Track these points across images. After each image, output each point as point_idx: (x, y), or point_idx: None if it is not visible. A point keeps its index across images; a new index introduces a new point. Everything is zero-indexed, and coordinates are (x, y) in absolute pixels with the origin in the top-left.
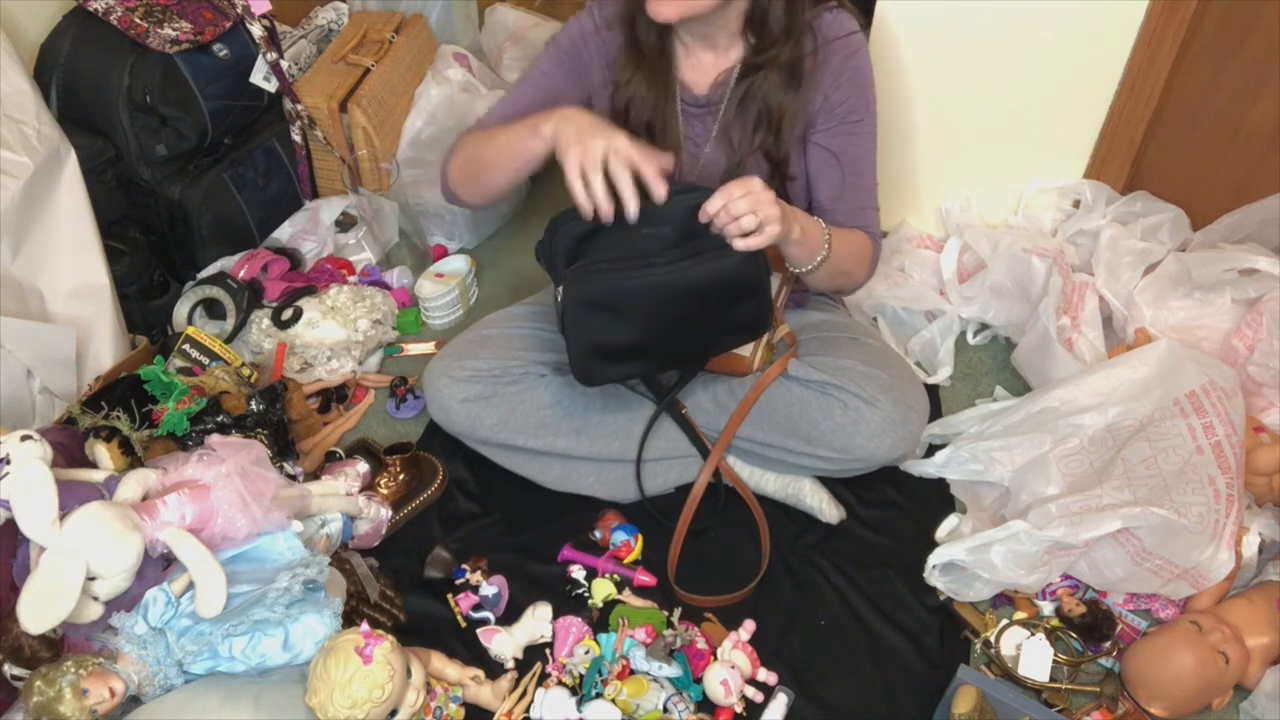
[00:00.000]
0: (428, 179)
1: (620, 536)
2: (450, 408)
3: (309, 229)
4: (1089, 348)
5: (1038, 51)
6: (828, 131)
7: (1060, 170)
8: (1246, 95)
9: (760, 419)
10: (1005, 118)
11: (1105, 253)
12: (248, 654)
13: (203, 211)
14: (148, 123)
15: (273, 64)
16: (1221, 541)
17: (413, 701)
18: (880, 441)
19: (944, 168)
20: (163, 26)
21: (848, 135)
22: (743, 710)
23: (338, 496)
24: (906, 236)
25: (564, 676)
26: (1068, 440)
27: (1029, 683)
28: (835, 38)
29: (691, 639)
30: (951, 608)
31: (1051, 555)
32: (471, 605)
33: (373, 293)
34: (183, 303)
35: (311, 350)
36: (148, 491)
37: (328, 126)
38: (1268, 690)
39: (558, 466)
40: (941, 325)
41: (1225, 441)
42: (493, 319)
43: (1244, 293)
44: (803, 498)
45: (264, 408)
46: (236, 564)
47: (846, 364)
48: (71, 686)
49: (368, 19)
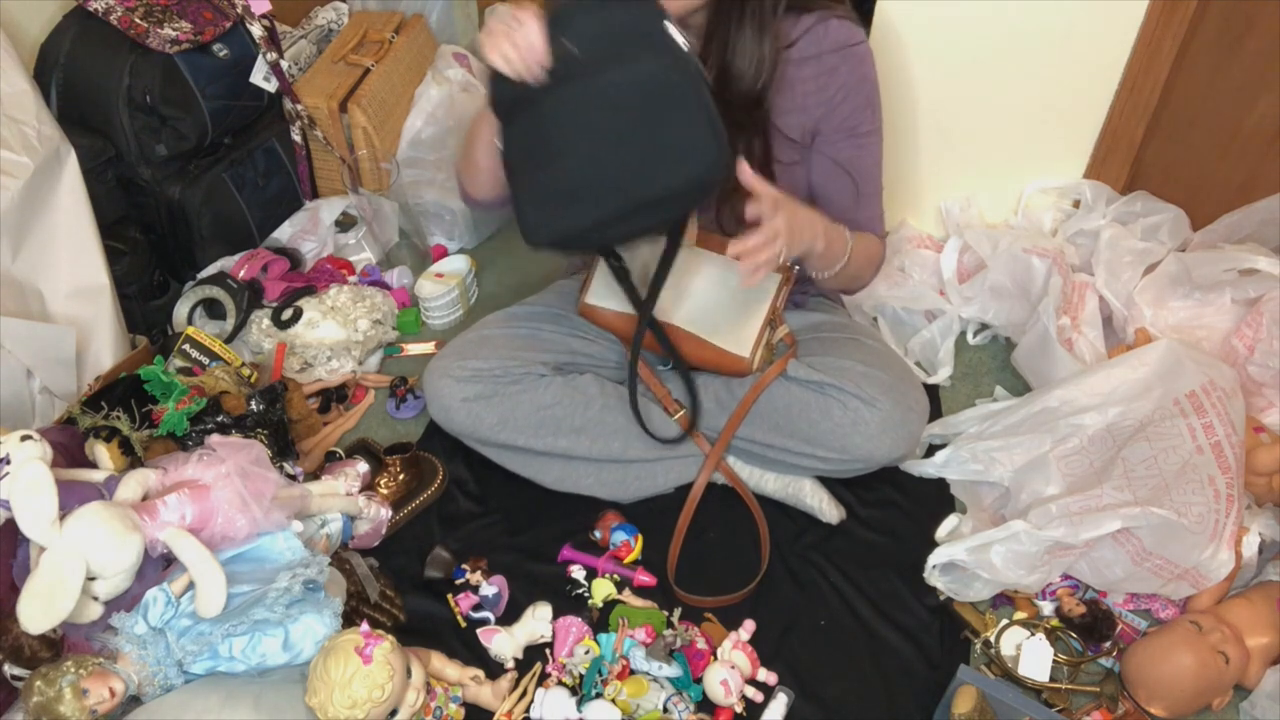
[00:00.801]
0: (428, 179)
1: (620, 536)
2: (450, 407)
3: (309, 229)
4: (1089, 348)
5: (1038, 51)
6: (837, 143)
7: (1060, 170)
8: (1246, 95)
9: (760, 419)
10: (1005, 118)
11: (1105, 253)
12: (248, 654)
13: (203, 211)
14: (148, 123)
15: (273, 64)
16: (1221, 541)
17: (413, 701)
18: (880, 442)
19: (944, 168)
20: (163, 26)
21: (858, 147)
22: (743, 710)
23: (338, 496)
24: (906, 236)
25: (564, 676)
26: (1068, 440)
27: (1029, 683)
28: (843, 47)
29: (691, 639)
30: (951, 608)
31: (1051, 555)
32: (471, 605)
33: (373, 293)
34: (183, 303)
35: (311, 350)
36: (148, 491)
37: (328, 126)
38: (1268, 690)
39: (558, 466)
40: (941, 325)
41: (1225, 441)
42: (493, 319)
43: (1244, 293)
44: (803, 498)
45: (264, 408)
46: (236, 564)
47: (846, 364)
48: (71, 686)
49: (368, 19)
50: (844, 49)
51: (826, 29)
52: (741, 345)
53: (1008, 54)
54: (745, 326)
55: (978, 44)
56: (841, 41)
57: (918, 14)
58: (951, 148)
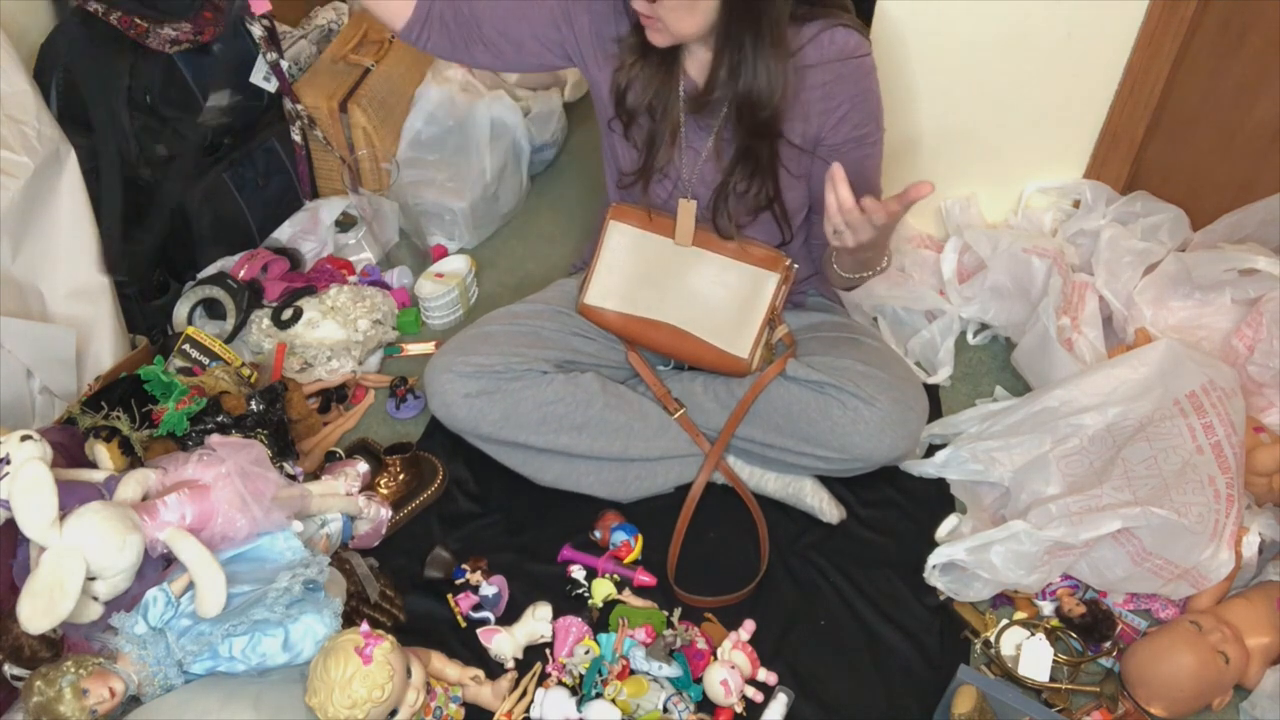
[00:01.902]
0: (427, 179)
1: (620, 536)
2: (453, 403)
3: (309, 229)
4: (1089, 348)
5: (1038, 51)
6: (845, 153)
7: (1060, 170)
8: (1246, 95)
9: (759, 419)
10: (1005, 118)
11: (1105, 253)
12: (248, 654)
13: (203, 211)
14: (148, 123)
15: (273, 64)
16: (1221, 541)
17: (413, 701)
18: (879, 441)
19: (944, 168)
20: (163, 26)
21: (865, 157)
22: (743, 710)
23: (338, 496)
24: (906, 236)
25: (564, 676)
26: (1068, 440)
27: (1029, 683)
28: (849, 57)
29: (691, 639)
30: (951, 608)
31: (1051, 555)
32: (471, 605)
33: (373, 293)
34: (183, 303)
35: (311, 350)
36: (148, 491)
37: (328, 126)
38: (1268, 690)
39: (558, 465)
40: (941, 325)
41: (1225, 441)
42: (494, 316)
43: (1244, 293)
44: (803, 497)
45: (264, 408)
46: (236, 564)
47: (845, 364)
48: (71, 686)
49: (368, 19)
50: (849, 59)
51: (832, 37)
52: (740, 346)
53: (1008, 54)
54: (744, 327)
55: (978, 44)
56: (848, 51)
57: (918, 14)
58: (951, 148)
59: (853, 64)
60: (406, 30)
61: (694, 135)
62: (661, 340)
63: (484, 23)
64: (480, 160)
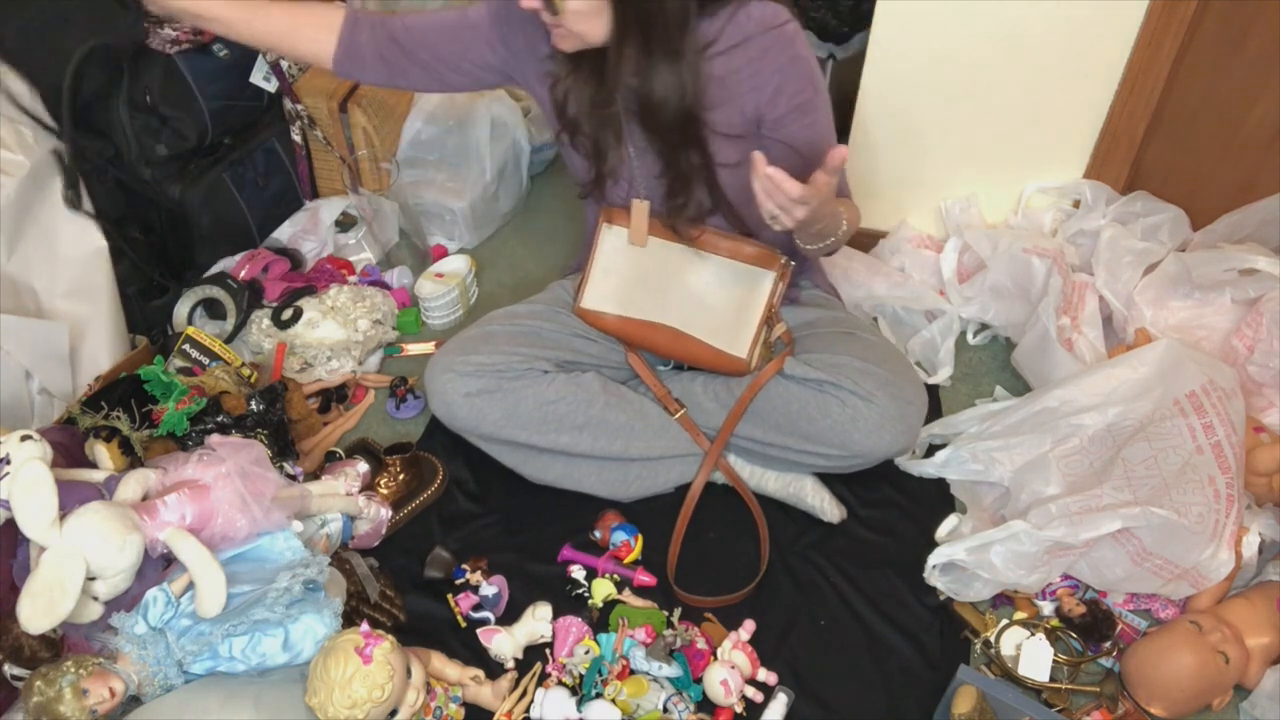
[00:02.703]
0: (427, 179)
1: (620, 536)
2: (454, 403)
3: (309, 229)
4: (1089, 348)
5: (1038, 51)
6: (789, 125)
7: (1060, 170)
8: (1246, 95)
9: (759, 417)
10: (1005, 118)
11: (1105, 253)
12: (248, 654)
13: (203, 212)
14: (148, 123)
15: (273, 64)
16: (1221, 541)
17: (413, 701)
18: (879, 437)
19: (944, 168)
20: (163, 26)
21: (810, 124)
22: (743, 710)
23: (338, 496)
24: (906, 236)
25: (564, 676)
26: (1068, 440)
27: (1029, 683)
28: (769, 28)
29: (691, 639)
30: (951, 608)
31: (1051, 555)
32: (471, 605)
33: (373, 293)
34: (183, 303)
35: (311, 350)
36: (148, 491)
37: (328, 126)
38: (1268, 690)
39: (559, 464)
40: (941, 325)
41: (1225, 441)
42: (494, 316)
43: (1244, 293)
44: (804, 497)
45: (264, 408)
46: (236, 564)
47: (843, 360)
48: (71, 686)
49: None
50: (770, 30)
51: (748, 14)
52: (739, 345)
53: (1008, 54)
54: (742, 326)
55: (978, 44)
56: (767, 23)
57: (918, 14)
58: (951, 148)
59: (774, 34)
60: (338, 67)
61: (638, 135)
62: (660, 342)
63: (419, 48)
64: (480, 160)
